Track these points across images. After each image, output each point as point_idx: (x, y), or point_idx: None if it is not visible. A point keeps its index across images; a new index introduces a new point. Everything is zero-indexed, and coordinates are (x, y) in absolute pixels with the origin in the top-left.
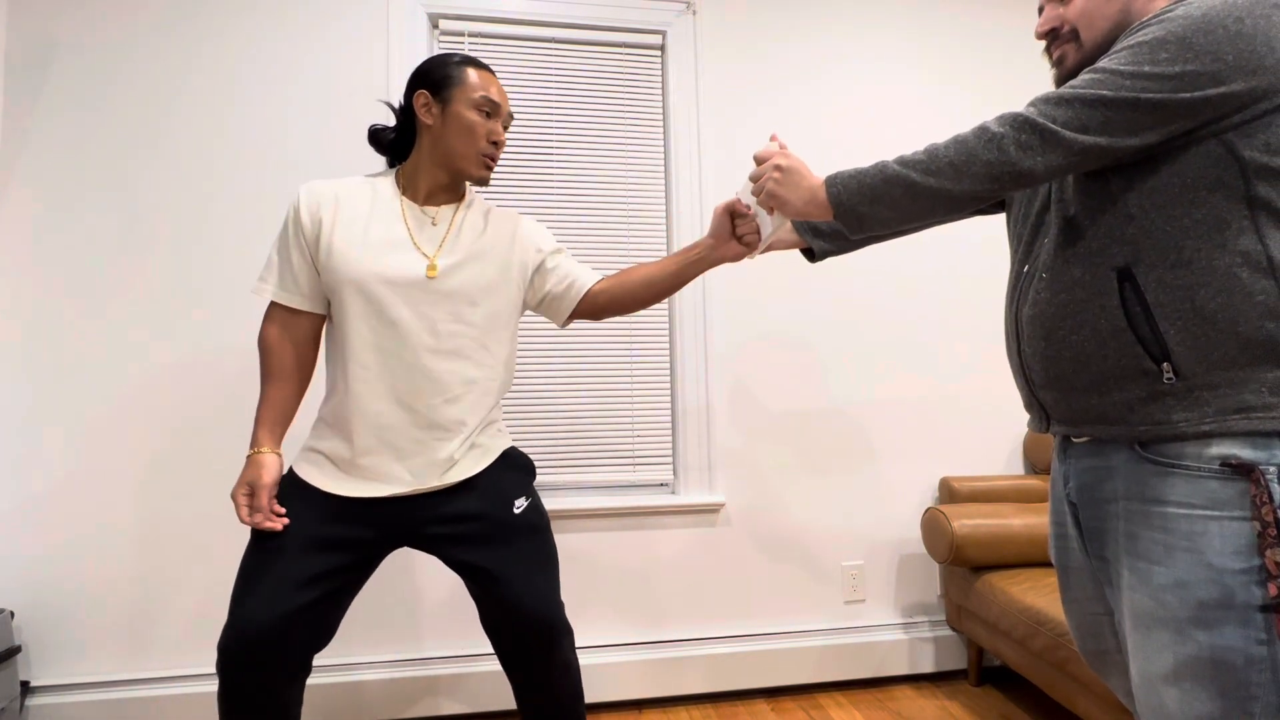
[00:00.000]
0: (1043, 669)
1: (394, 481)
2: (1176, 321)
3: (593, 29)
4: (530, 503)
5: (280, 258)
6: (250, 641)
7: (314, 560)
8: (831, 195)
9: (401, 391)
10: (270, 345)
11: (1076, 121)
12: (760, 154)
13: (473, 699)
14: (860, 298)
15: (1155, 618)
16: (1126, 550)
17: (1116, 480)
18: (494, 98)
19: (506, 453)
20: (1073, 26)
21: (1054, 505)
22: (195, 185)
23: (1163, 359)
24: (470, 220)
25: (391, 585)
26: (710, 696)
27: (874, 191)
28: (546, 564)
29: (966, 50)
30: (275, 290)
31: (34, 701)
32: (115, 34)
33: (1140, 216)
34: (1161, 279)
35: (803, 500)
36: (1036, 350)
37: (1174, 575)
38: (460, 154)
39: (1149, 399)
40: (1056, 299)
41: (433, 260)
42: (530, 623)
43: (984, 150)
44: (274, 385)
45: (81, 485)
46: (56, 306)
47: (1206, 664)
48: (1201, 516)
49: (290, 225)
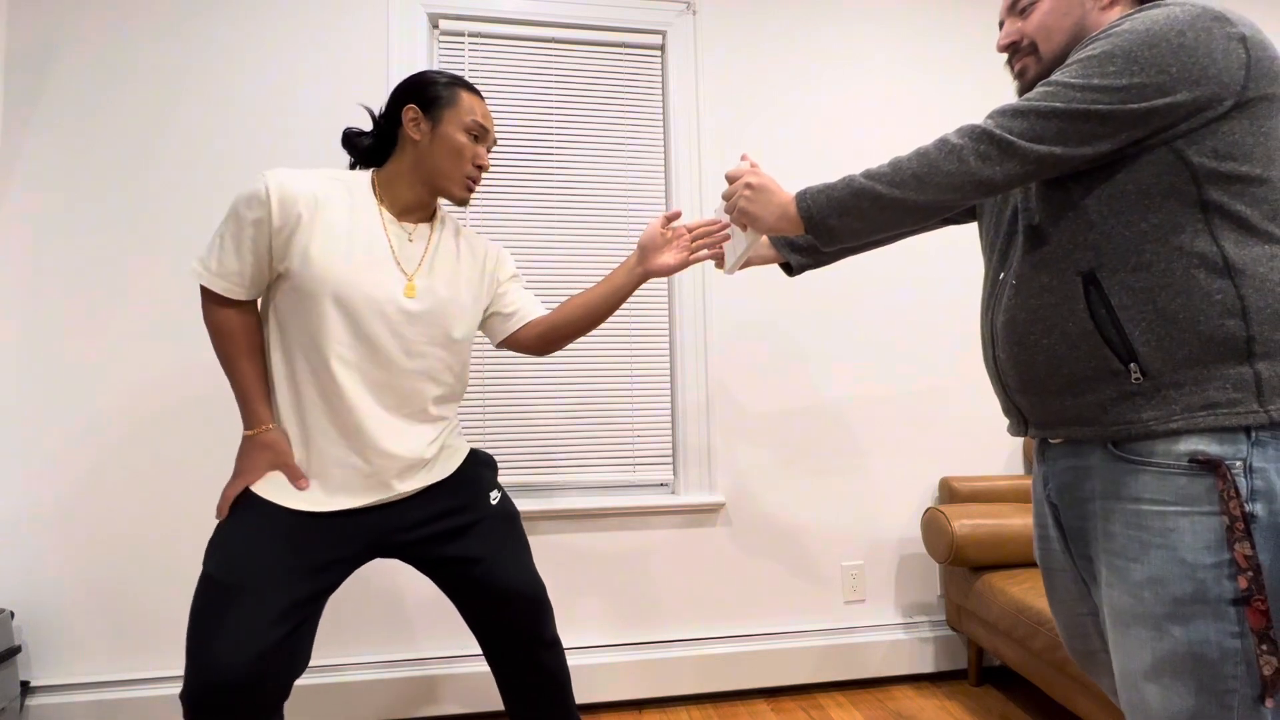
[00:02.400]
0: (1043, 669)
1: (372, 490)
2: (1141, 323)
3: (592, 29)
4: (502, 494)
5: (233, 249)
6: (223, 689)
7: (285, 591)
8: (802, 210)
9: (377, 399)
10: (231, 328)
11: (1032, 132)
12: (731, 173)
13: (467, 699)
14: (860, 299)
15: (1133, 614)
16: (1105, 549)
17: (1093, 479)
18: (483, 122)
19: (473, 451)
20: (1031, 40)
21: (1036, 507)
22: (195, 186)
23: (1130, 359)
24: (445, 241)
25: (382, 585)
26: (710, 696)
27: (842, 205)
28: (525, 548)
29: (966, 50)
30: (221, 283)
31: (34, 701)
32: (115, 34)
33: (1100, 222)
34: (1124, 282)
35: (803, 500)
36: (1010, 356)
37: (1149, 571)
38: (446, 174)
39: (1119, 399)
40: (1027, 305)
41: (411, 280)
42: (519, 598)
43: (945, 161)
44: (248, 361)
45: (81, 485)
46: (56, 306)
47: (1184, 659)
48: (1173, 513)
49: (249, 215)
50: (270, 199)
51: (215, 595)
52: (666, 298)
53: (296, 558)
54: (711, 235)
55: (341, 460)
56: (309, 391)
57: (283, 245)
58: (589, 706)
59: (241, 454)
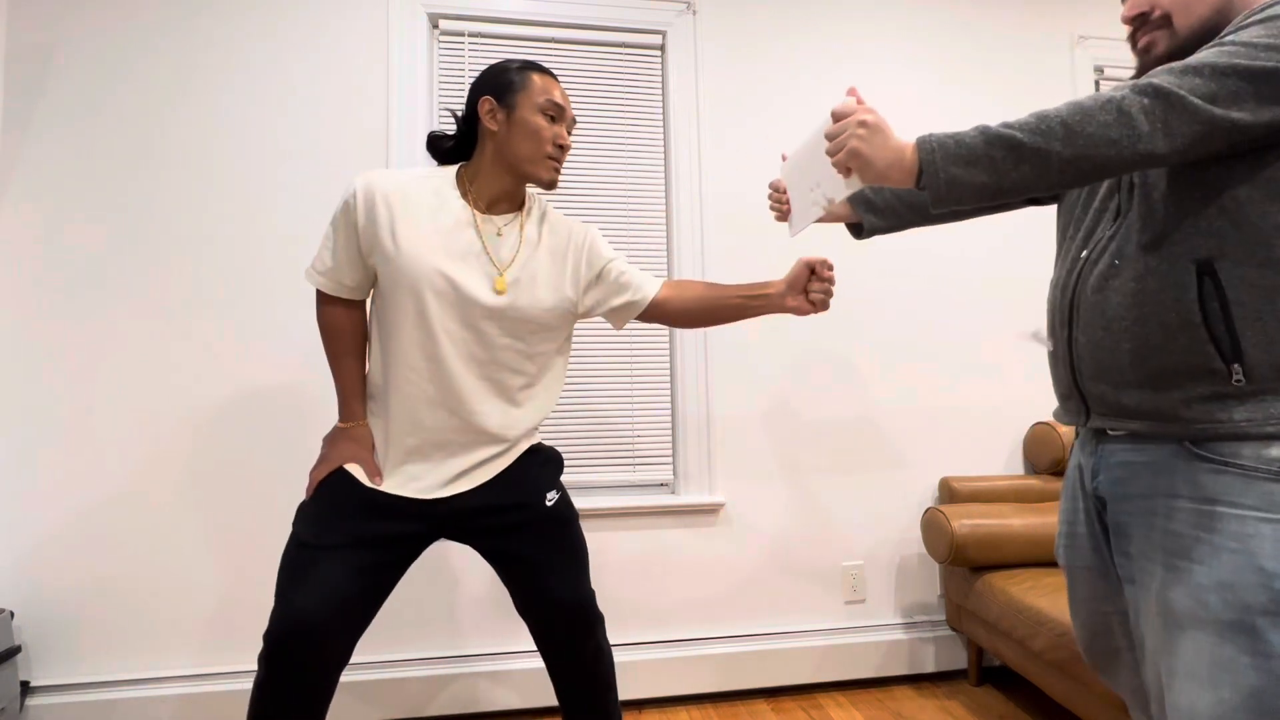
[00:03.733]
0: (1043, 669)
1: (433, 483)
2: (1255, 323)
3: (593, 29)
4: (560, 495)
5: (329, 249)
6: (302, 631)
7: (361, 555)
8: (923, 155)
9: (447, 399)
10: (337, 326)
11: (1206, 90)
12: (840, 108)
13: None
14: (860, 299)
15: (1194, 618)
16: (1164, 548)
17: (1158, 475)
18: (559, 101)
19: (535, 447)
20: (1165, 12)
21: (1066, 503)
22: (195, 186)
23: (1235, 359)
24: (530, 231)
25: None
26: (710, 696)
27: (972, 153)
28: (577, 554)
29: (967, 50)
30: (327, 283)
31: (34, 701)
32: (115, 36)
33: (1234, 209)
34: (1245, 277)
35: (803, 500)
36: (1092, 339)
37: (1218, 576)
38: (527, 158)
39: (1209, 398)
40: (1125, 288)
41: (502, 273)
42: (564, 608)
43: (1101, 112)
44: (349, 359)
45: (82, 485)
46: (56, 307)
47: (1246, 669)
48: (1255, 519)
49: (342, 219)
50: (357, 198)
51: (301, 554)
52: None
53: (371, 527)
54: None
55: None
56: (384, 384)
57: (370, 240)
58: None
59: (330, 441)
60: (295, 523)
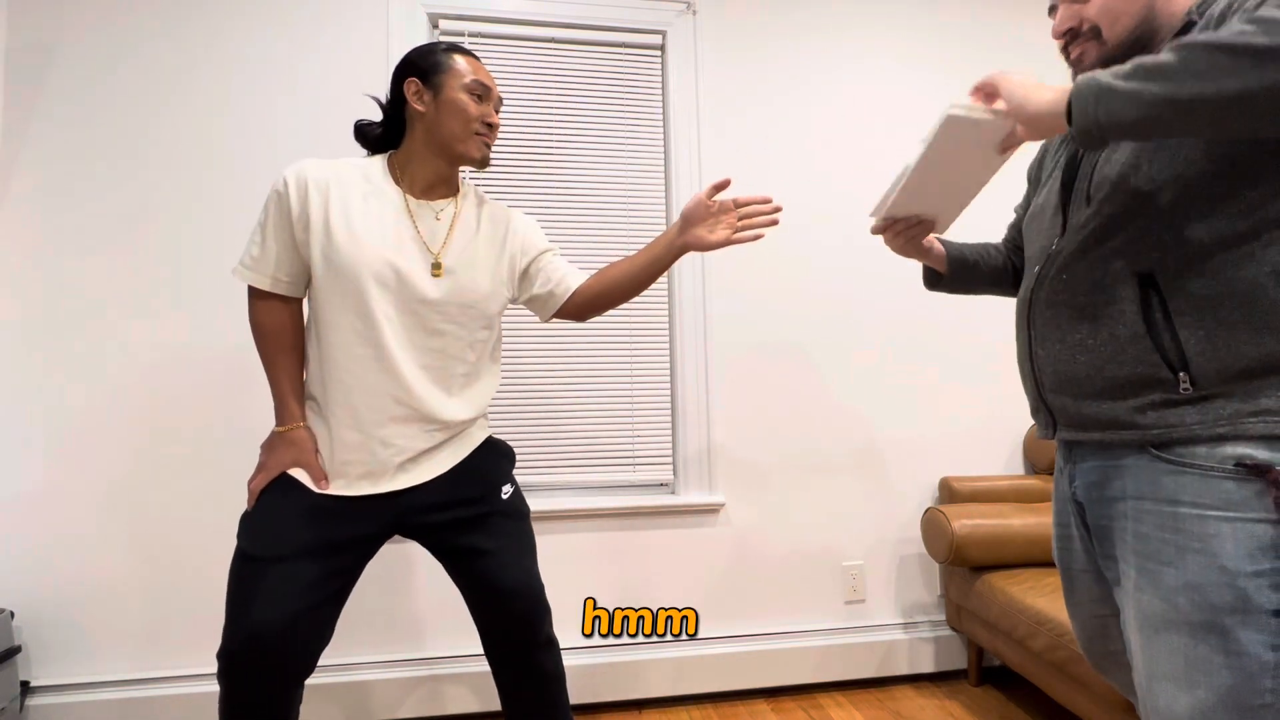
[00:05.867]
0: (1043, 669)
1: (381, 478)
2: (1198, 332)
3: (592, 29)
4: (514, 490)
5: (264, 243)
6: (258, 646)
7: (314, 564)
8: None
9: (391, 387)
10: (272, 324)
11: None
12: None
13: (475, 698)
14: (860, 298)
15: (1165, 620)
16: (1135, 551)
17: (1125, 479)
18: (484, 80)
19: (489, 440)
20: (1093, 24)
21: (1058, 506)
22: (195, 185)
23: (1181, 368)
24: (466, 215)
25: (392, 584)
26: (710, 696)
27: (1161, 73)
28: (530, 548)
29: (967, 50)
30: (259, 278)
31: (34, 701)
32: (115, 34)
33: (1173, 222)
34: (1187, 287)
35: (803, 500)
36: (1050, 353)
37: (1185, 577)
38: (457, 136)
39: (1161, 404)
40: (1075, 301)
41: (437, 258)
42: (517, 599)
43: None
44: (285, 358)
45: (81, 485)
46: (56, 305)
47: (1218, 669)
48: (1215, 518)
49: (274, 208)
50: (289, 186)
51: (249, 567)
52: (667, 298)
53: (321, 534)
54: (760, 214)
55: (355, 445)
56: (322, 379)
57: (303, 229)
58: (589, 706)
59: (268, 448)
60: (239, 535)
